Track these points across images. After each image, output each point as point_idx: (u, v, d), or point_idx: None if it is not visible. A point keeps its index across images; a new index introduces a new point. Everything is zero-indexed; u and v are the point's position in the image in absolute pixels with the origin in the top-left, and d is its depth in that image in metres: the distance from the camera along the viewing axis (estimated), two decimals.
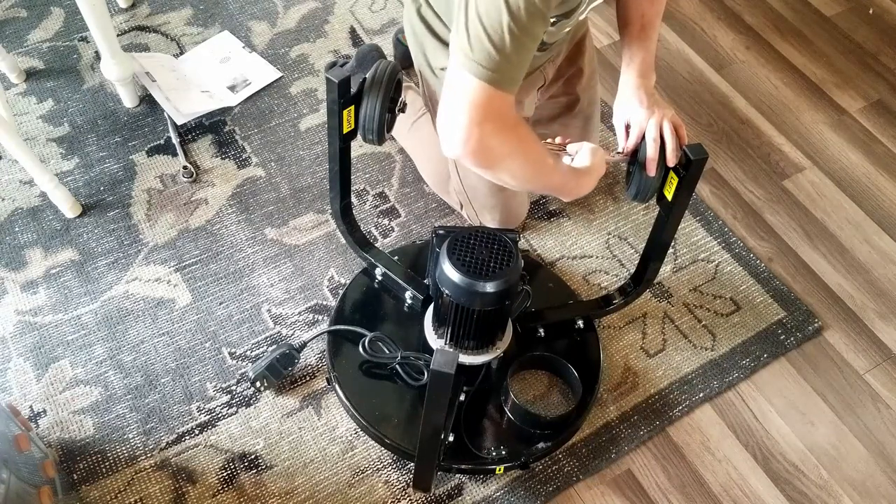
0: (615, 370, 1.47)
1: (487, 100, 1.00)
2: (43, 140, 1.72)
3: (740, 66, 2.02)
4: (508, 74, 1.00)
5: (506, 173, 1.10)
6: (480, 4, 0.95)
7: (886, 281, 1.64)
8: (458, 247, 1.19)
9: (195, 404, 1.39)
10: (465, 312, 1.21)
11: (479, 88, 0.99)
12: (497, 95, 1.00)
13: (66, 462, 1.32)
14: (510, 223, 1.56)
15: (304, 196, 1.67)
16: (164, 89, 1.79)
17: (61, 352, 1.44)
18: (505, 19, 0.95)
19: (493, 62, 0.97)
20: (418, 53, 1.37)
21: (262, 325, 1.49)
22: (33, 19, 1.95)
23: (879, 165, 1.84)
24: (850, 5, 2.19)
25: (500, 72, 0.98)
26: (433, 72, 1.35)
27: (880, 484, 1.39)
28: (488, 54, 0.97)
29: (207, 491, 1.30)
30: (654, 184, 1.15)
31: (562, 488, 1.34)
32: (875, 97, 1.97)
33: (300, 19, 1.99)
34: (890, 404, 1.48)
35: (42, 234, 1.58)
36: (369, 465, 1.34)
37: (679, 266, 1.62)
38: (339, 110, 1.18)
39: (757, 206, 1.74)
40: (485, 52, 0.97)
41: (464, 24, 0.98)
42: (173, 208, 1.63)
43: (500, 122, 1.04)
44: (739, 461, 1.39)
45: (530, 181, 1.18)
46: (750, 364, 1.50)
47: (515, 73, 1.01)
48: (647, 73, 1.25)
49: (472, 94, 1.00)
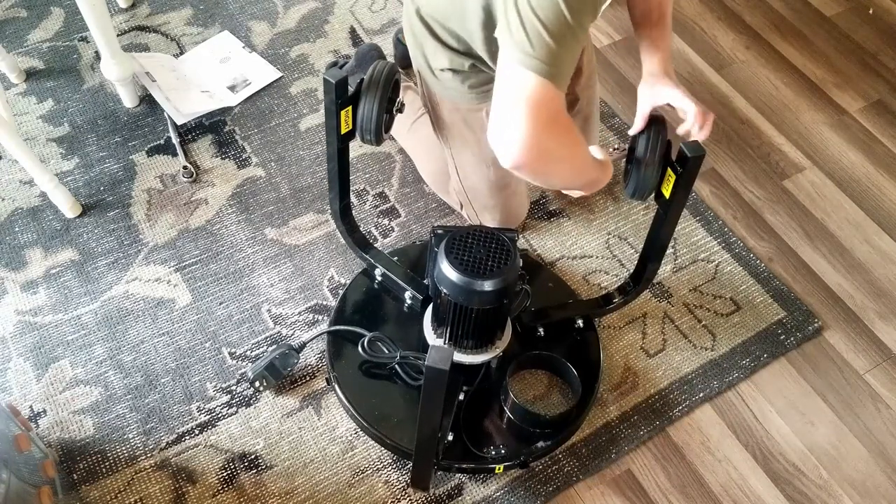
0: (615, 370, 1.47)
1: (548, 98, 0.96)
2: (43, 140, 1.72)
3: (740, 66, 2.02)
4: (565, 70, 0.97)
5: (557, 177, 1.08)
6: None
7: (886, 281, 1.64)
8: (456, 246, 1.19)
9: (195, 404, 1.39)
10: (463, 311, 1.21)
11: (540, 86, 0.95)
12: (556, 94, 0.97)
13: (66, 462, 1.32)
14: (510, 223, 1.56)
15: (304, 196, 1.67)
16: (164, 89, 1.79)
17: (61, 352, 1.44)
18: (564, 11, 0.92)
19: (553, 57, 0.94)
20: (417, 54, 1.37)
21: (262, 325, 1.49)
22: (33, 19, 1.95)
23: (879, 165, 1.84)
24: (850, 5, 2.19)
25: (557, 66, 0.95)
26: (433, 72, 1.35)
27: (880, 484, 1.39)
28: (548, 49, 0.93)
29: (207, 491, 1.30)
30: (651, 181, 1.15)
31: (562, 488, 1.34)
32: (875, 97, 1.97)
33: (300, 19, 1.99)
34: (890, 404, 1.48)
35: (42, 234, 1.58)
36: (369, 465, 1.34)
37: (679, 266, 1.62)
38: (336, 111, 1.18)
39: (757, 206, 1.74)
40: (545, 47, 0.93)
41: (518, 21, 0.94)
42: (173, 208, 1.64)
43: (557, 125, 1.00)
44: (739, 461, 1.39)
45: (574, 181, 1.17)
46: (750, 364, 1.50)
47: (569, 70, 0.98)
48: (670, 59, 1.25)
49: (533, 93, 0.95)
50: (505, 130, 0.99)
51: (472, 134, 1.40)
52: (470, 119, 1.39)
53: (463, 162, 1.47)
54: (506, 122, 0.99)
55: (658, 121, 1.16)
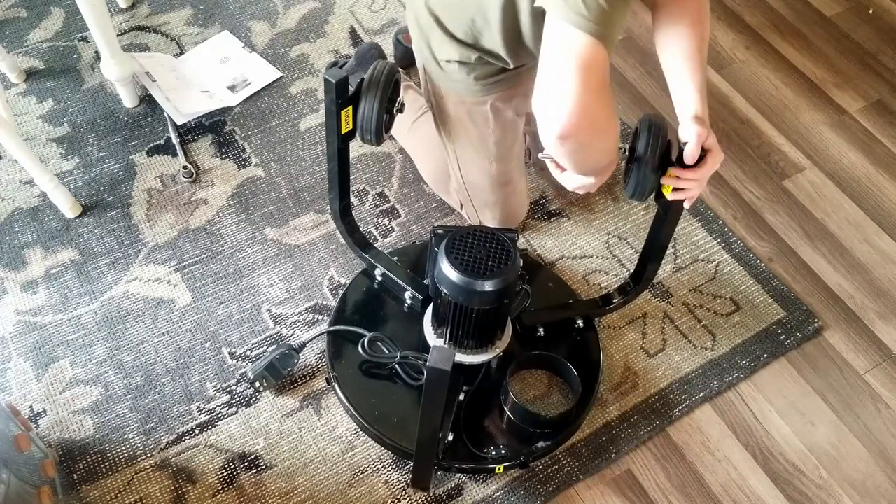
0: (615, 370, 1.47)
1: (599, 61, 0.92)
2: (43, 140, 1.72)
3: (740, 66, 2.02)
4: (615, 33, 0.93)
5: (596, 152, 1.03)
6: None
7: (886, 281, 1.64)
8: (456, 246, 1.19)
9: (195, 404, 1.39)
10: (463, 312, 1.21)
11: (593, 48, 0.91)
12: (607, 58, 0.92)
13: (66, 462, 1.32)
14: (510, 222, 1.56)
15: (304, 196, 1.67)
16: (164, 89, 1.79)
17: (61, 352, 1.44)
18: None
19: (606, 18, 0.90)
20: (423, 47, 1.35)
21: (262, 325, 1.49)
22: (33, 19, 1.95)
23: (879, 165, 1.84)
24: (850, 5, 2.19)
25: (609, 28, 0.91)
26: (438, 64, 1.33)
27: (880, 484, 1.39)
28: (601, 10, 0.90)
29: (207, 491, 1.30)
30: (652, 181, 1.15)
31: (562, 488, 1.34)
32: (875, 97, 1.97)
33: (300, 19, 1.99)
34: (890, 404, 1.48)
35: (42, 234, 1.58)
36: (369, 465, 1.34)
37: (679, 266, 1.62)
38: (336, 111, 1.18)
39: (757, 206, 1.74)
40: (598, 8, 0.90)
41: None
42: (173, 208, 1.64)
43: (606, 92, 0.95)
44: (739, 461, 1.39)
45: (603, 159, 1.11)
46: (750, 364, 1.50)
47: (618, 34, 0.94)
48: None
49: (586, 55, 0.91)
50: (553, 95, 0.94)
51: (476, 128, 1.40)
52: (474, 112, 1.38)
53: (465, 157, 1.47)
54: (554, 85, 0.94)
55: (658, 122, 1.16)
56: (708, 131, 1.08)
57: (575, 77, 0.92)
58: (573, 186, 1.17)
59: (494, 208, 1.52)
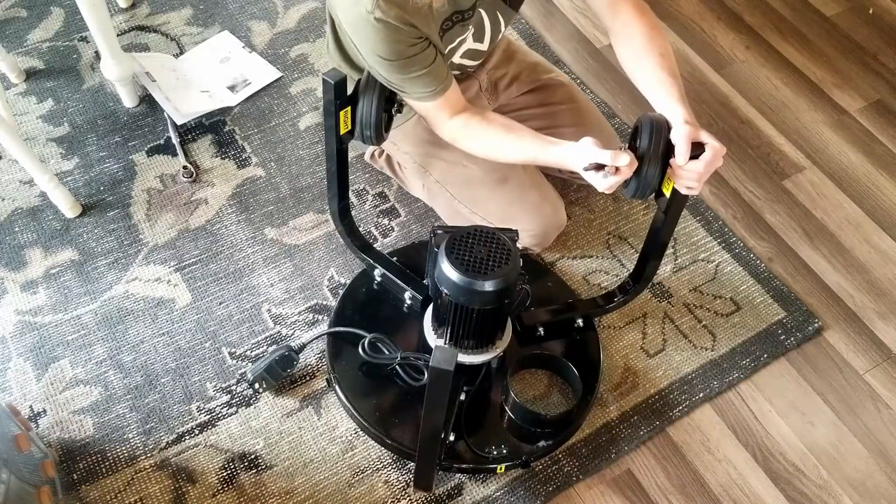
0: (615, 370, 1.47)
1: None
2: (43, 140, 1.72)
3: (740, 66, 2.02)
4: (434, 79, 1.21)
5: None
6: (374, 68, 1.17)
7: (886, 281, 1.64)
8: (456, 246, 1.19)
9: (195, 404, 1.39)
10: (464, 312, 1.21)
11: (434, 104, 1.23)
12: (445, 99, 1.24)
13: (66, 462, 1.32)
14: (548, 231, 1.52)
15: (304, 196, 1.67)
16: (164, 89, 1.79)
17: (61, 352, 1.44)
18: (386, 73, 1.17)
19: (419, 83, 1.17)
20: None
21: (262, 324, 1.49)
22: (33, 19, 1.95)
23: (879, 165, 1.84)
24: (850, 5, 2.19)
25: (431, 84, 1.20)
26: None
27: (880, 484, 1.39)
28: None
29: (207, 491, 1.30)
30: (652, 181, 1.15)
31: (562, 488, 1.34)
32: (875, 97, 1.97)
33: (300, 19, 1.99)
34: (890, 404, 1.48)
35: (42, 234, 1.58)
36: (369, 465, 1.34)
37: (679, 266, 1.62)
38: (335, 111, 1.18)
39: (757, 206, 1.74)
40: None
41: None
42: (173, 208, 1.64)
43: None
44: (739, 461, 1.39)
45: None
46: (750, 364, 1.50)
47: (438, 73, 1.21)
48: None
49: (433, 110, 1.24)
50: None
51: (432, 145, 1.46)
52: (416, 133, 1.47)
53: (449, 180, 1.49)
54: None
55: (658, 121, 1.16)
56: (696, 129, 1.10)
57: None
58: (604, 188, 1.19)
59: (522, 219, 1.46)
